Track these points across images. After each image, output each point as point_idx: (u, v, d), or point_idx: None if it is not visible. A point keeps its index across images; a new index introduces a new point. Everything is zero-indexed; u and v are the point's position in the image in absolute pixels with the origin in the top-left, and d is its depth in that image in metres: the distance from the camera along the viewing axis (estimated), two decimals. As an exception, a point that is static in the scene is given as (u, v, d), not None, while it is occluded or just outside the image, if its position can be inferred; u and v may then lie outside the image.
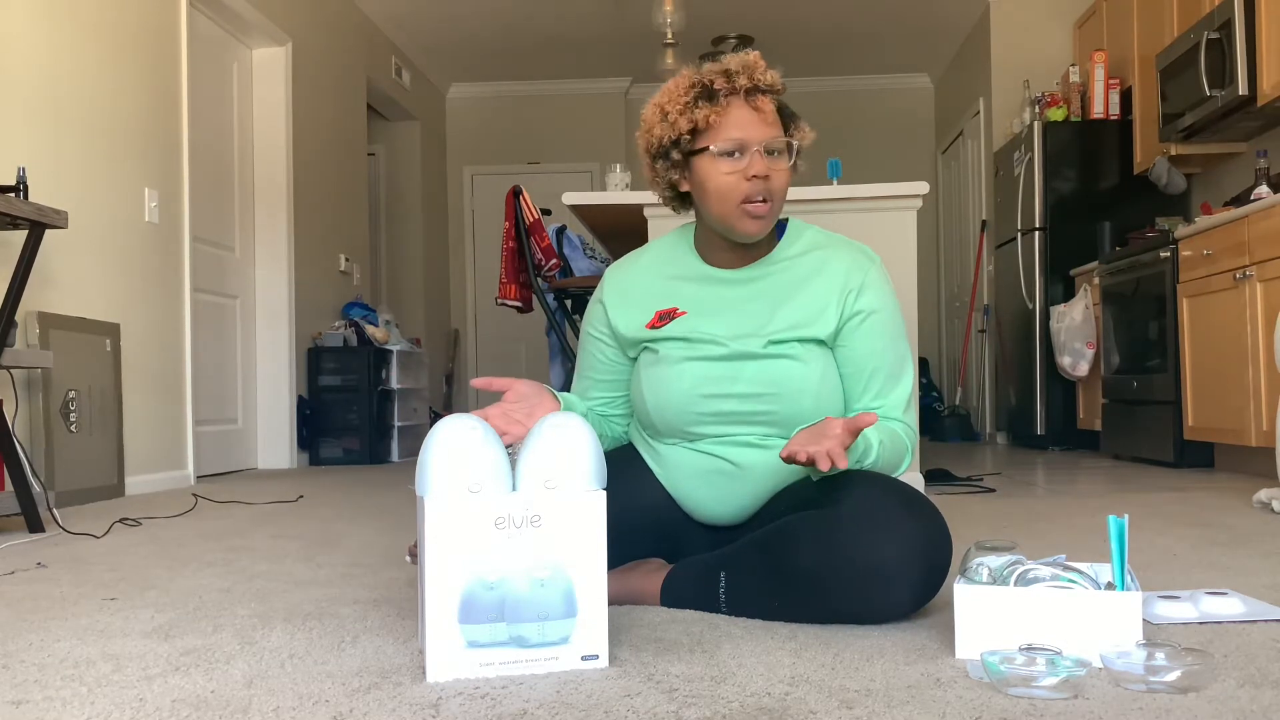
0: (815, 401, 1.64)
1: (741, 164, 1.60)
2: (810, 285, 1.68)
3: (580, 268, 4.41)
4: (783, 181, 1.63)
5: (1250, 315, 3.93)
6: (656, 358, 1.71)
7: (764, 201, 1.61)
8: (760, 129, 1.60)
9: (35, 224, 3.03)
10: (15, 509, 2.86)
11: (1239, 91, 4.40)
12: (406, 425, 6.38)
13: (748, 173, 1.60)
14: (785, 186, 1.64)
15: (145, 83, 4.33)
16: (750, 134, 1.60)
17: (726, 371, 1.65)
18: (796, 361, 1.63)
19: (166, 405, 4.45)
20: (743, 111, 1.60)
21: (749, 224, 1.62)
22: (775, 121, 1.63)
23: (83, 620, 1.70)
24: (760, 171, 1.59)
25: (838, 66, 8.27)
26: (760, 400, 1.64)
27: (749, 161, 1.60)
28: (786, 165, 1.63)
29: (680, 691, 1.20)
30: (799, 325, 1.65)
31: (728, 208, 1.62)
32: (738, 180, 1.60)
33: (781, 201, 1.65)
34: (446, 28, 7.32)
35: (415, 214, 8.03)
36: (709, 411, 1.66)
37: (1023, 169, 6.08)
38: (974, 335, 7.38)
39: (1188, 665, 1.18)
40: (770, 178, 1.60)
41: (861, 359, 1.67)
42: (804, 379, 1.63)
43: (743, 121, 1.60)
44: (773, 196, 1.62)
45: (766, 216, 1.63)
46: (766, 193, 1.60)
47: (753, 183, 1.60)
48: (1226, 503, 3.16)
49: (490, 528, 1.28)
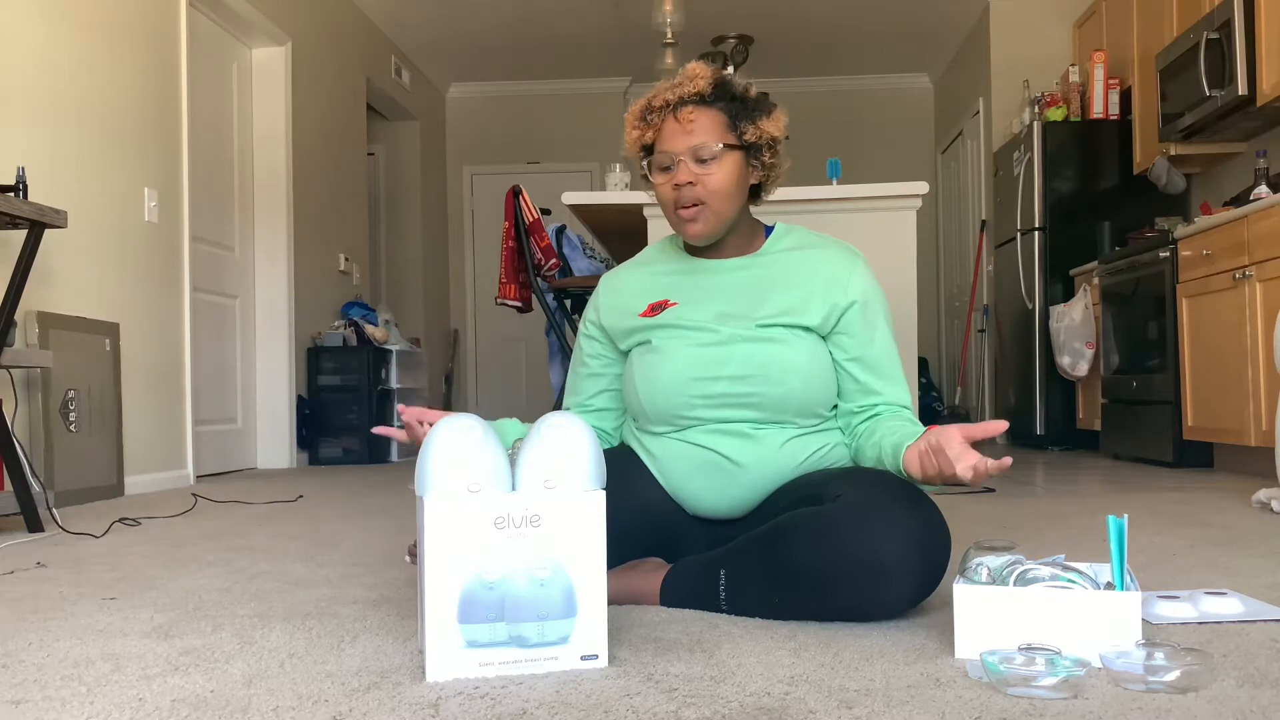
0: (803, 382, 1.67)
1: (674, 175, 1.70)
2: (797, 277, 1.74)
3: (580, 267, 4.41)
4: (717, 183, 1.68)
5: (1250, 315, 3.94)
6: (648, 348, 1.75)
7: (690, 206, 1.69)
8: (682, 140, 1.69)
9: (35, 223, 3.03)
10: (14, 509, 2.86)
11: (1238, 91, 4.40)
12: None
13: (673, 182, 1.69)
14: (723, 186, 1.69)
15: (145, 82, 4.33)
16: (674, 146, 1.69)
17: (716, 355, 1.69)
18: (784, 345, 1.68)
19: (166, 405, 4.45)
20: (670, 125, 1.71)
21: (686, 228, 1.72)
22: (705, 128, 1.68)
23: (82, 620, 1.70)
24: (683, 179, 1.68)
25: (838, 66, 8.27)
26: (749, 382, 1.67)
27: (676, 171, 1.69)
28: (720, 166, 1.68)
29: (680, 691, 1.20)
30: (787, 312, 1.70)
31: (669, 215, 1.74)
32: (670, 190, 1.71)
33: (723, 200, 1.70)
34: (446, 28, 7.32)
35: (415, 214, 8.03)
36: (699, 395, 1.69)
37: (1022, 169, 6.08)
38: (973, 335, 7.38)
39: (1187, 665, 1.18)
40: (697, 183, 1.68)
41: (860, 347, 1.72)
42: (792, 360, 1.67)
43: (669, 135, 1.71)
44: (704, 199, 1.69)
45: (700, 219, 1.70)
46: (694, 197, 1.69)
47: (679, 190, 1.69)
48: (1226, 503, 3.16)
49: (490, 527, 1.28)
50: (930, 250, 8.28)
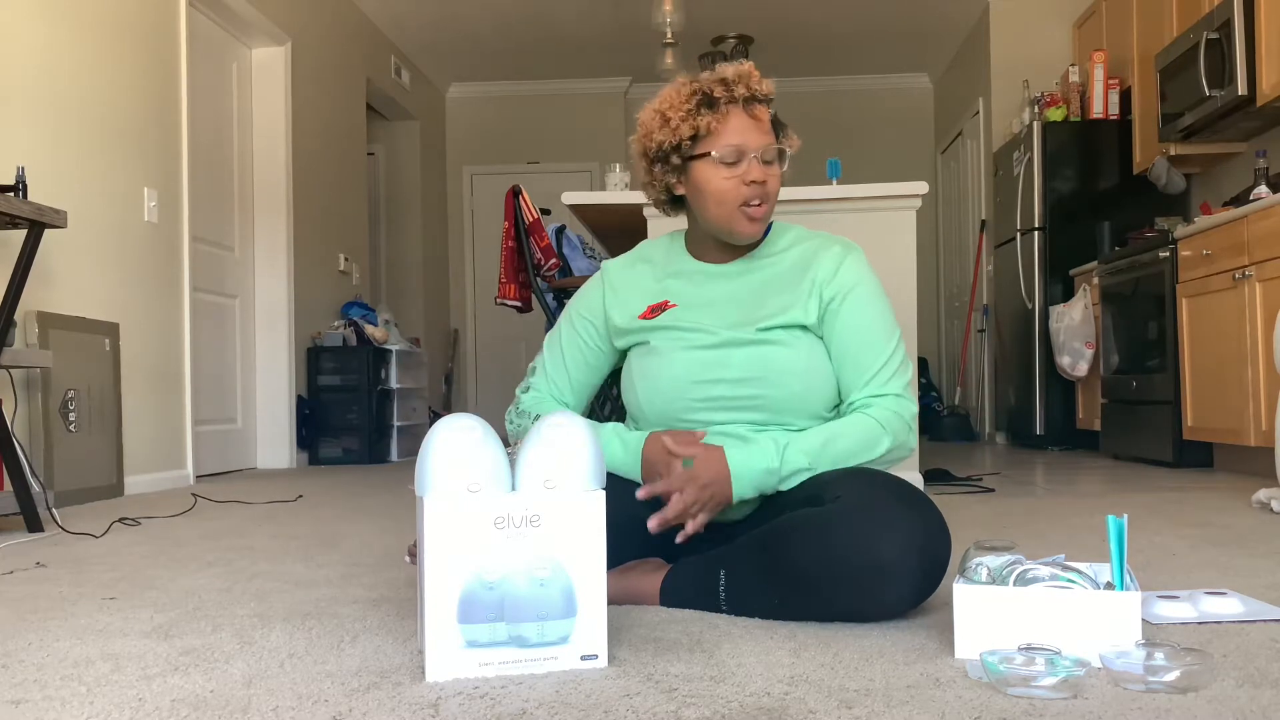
0: (803, 384, 1.68)
1: (740, 170, 1.68)
2: (794, 275, 1.74)
3: (580, 267, 4.41)
4: (776, 186, 1.72)
5: (1249, 315, 3.94)
6: (648, 349, 1.75)
7: (760, 205, 1.69)
8: (758, 137, 1.68)
9: (34, 223, 3.03)
10: (14, 509, 2.86)
11: (1238, 91, 4.40)
12: (406, 425, 6.38)
13: (746, 178, 1.67)
14: (778, 191, 1.73)
15: (145, 82, 4.33)
16: (749, 141, 1.67)
17: (717, 358, 1.69)
18: (783, 347, 1.68)
19: (166, 405, 4.45)
20: (741, 119, 1.68)
21: (747, 225, 1.71)
22: (770, 130, 1.71)
23: (82, 620, 1.70)
24: (758, 177, 1.68)
25: (838, 66, 8.27)
26: (749, 385, 1.67)
27: (747, 167, 1.68)
28: (779, 171, 1.72)
29: (679, 691, 1.20)
30: (783, 312, 1.70)
31: (726, 210, 1.70)
32: (736, 185, 1.68)
33: (774, 205, 1.73)
34: (446, 28, 7.32)
35: (415, 214, 8.03)
36: (700, 398, 1.69)
37: (1022, 169, 6.08)
38: (973, 335, 7.38)
39: (1187, 665, 1.18)
40: (766, 183, 1.69)
41: (847, 336, 1.70)
42: (791, 362, 1.67)
43: (742, 129, 1.67)
44: (768, 199, 1.71)
45: (762, 219, 1.71)
46: (763, 196, 1.69)
47: (751, 187, 1.68)
48: (1226, 503, 3.16)
49: (490, 527, 1.28)
50: (930, 250, 8.28)
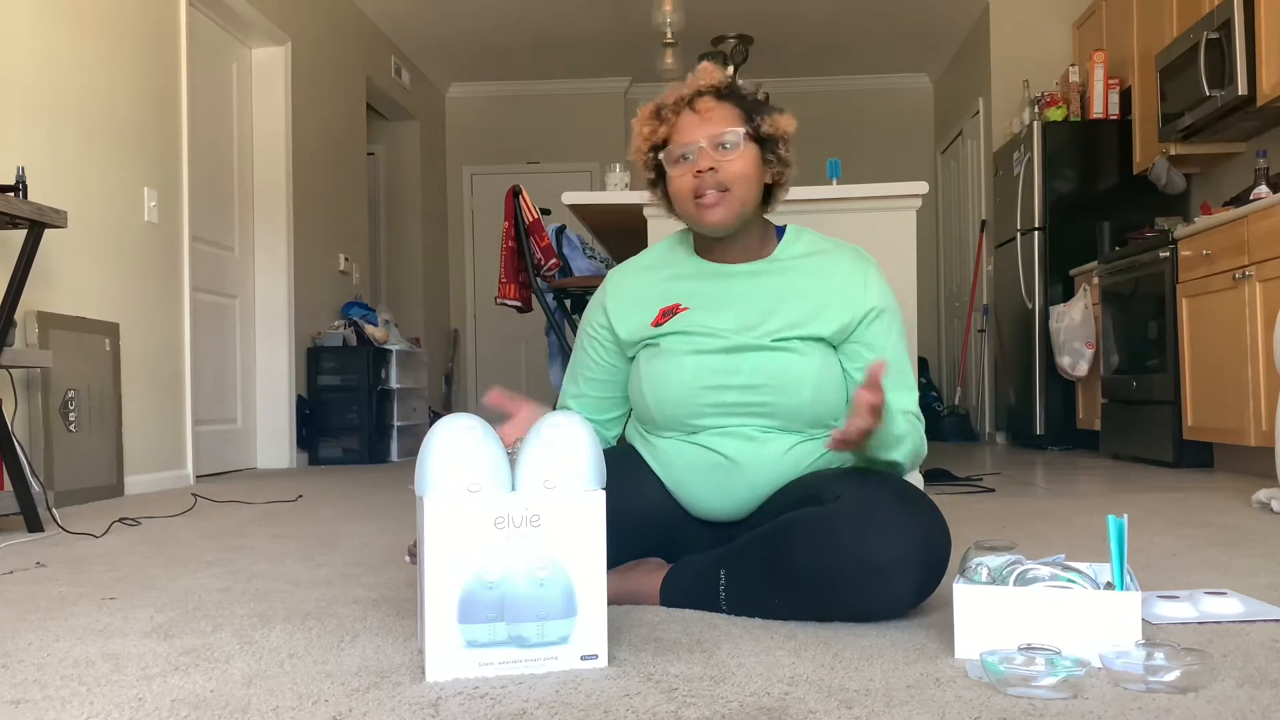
0: (814, 393, 1.65)
1: (689, 164, 1.67)
2: (812, 285, 1.71)
3: (580, 267, 4.41)
4: (738, 169, 1.66)
5: (1249, 315, 3.93)
6: (657, 351, 1.72)
7: (715, 192, 1.66)
8: (701, 128, 1.67)
9: (34, 223, 3.03)
10: (14, 509, 2.86)
11: (1238, 91, 4.40)
12: (406, 425, 6.38)
13: (693, 170, 1.66)
14: (744, 173, 1.67)
15: (144, 82, 4.33)
16: (693, 135, 1.67)
17: (727, 364, 1.67)
18: (796, 355, 1.66)
19: (166, 405, 4.45)
20: (687, 118, 1.69)
21: (705, 215, 1.68)
22: (723, 117, 1.67)
23: (82, 620, 1.69)
24: (703, 166, 1.65)
25: (837, 66, 8.27)
26: (760, 391, 1.65)
27: (696, 160, 1.66)
28: (740, 155, 1.67)
29: (679, 691, 1.20)
30: (800, 323, 1.67)
31: (687, 207, 1.70)
32: (689, 180, 1.67)
33: (744, 188, 1.67)
34: (446, 27, 7.32)
35: (415, 214, 8.03)
36: (709, 403, 1.67)
37: (1022, 169, 6.08)
38: (973, 335, 7.38)
39: (1187, 665, 1.18)
40: (718, 169, 1.65)
41: (875, 355, 1.69)
42: (803, 371, 1.65)
43: (686, 127, 1.68)
44: (728, 184, 1.66)
45: (721, 205, 1.67)
46: (716, 184, 1.66)
47: (699, 177, 1.66)
48: (1226, 503, 3.16)
49: (490, 527, 1.28)
50: (930, 250, 8.27)
